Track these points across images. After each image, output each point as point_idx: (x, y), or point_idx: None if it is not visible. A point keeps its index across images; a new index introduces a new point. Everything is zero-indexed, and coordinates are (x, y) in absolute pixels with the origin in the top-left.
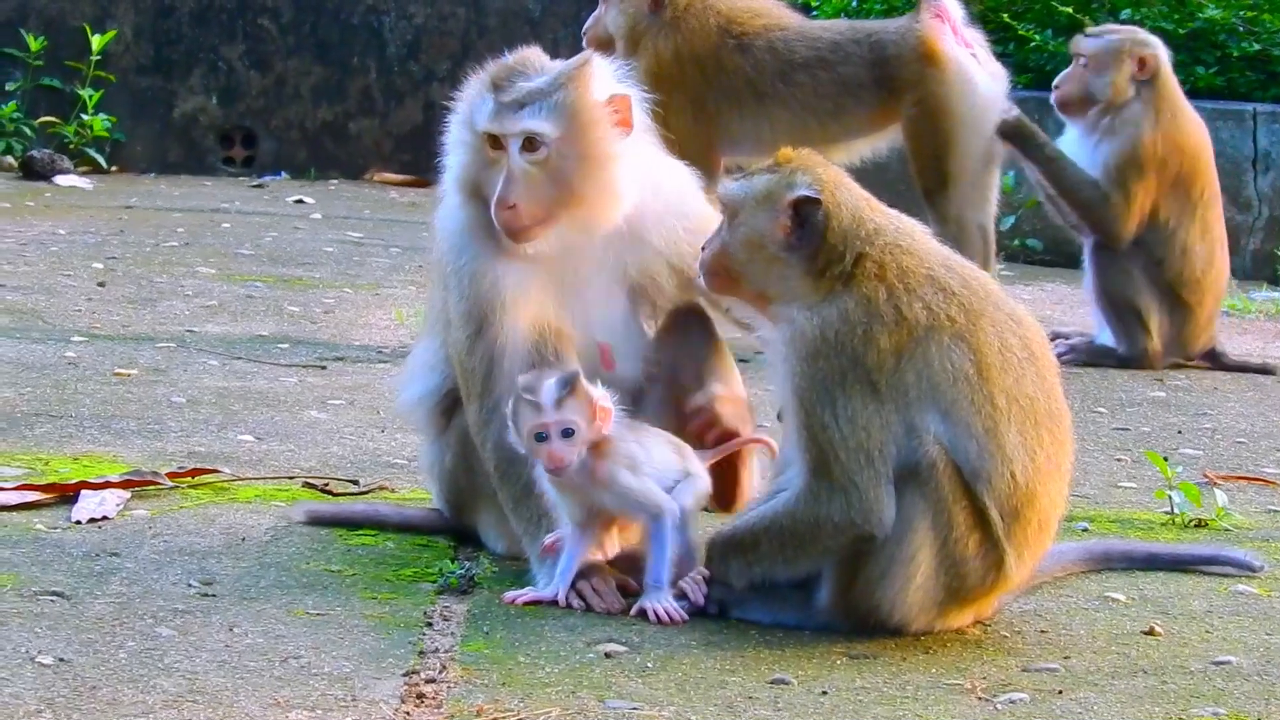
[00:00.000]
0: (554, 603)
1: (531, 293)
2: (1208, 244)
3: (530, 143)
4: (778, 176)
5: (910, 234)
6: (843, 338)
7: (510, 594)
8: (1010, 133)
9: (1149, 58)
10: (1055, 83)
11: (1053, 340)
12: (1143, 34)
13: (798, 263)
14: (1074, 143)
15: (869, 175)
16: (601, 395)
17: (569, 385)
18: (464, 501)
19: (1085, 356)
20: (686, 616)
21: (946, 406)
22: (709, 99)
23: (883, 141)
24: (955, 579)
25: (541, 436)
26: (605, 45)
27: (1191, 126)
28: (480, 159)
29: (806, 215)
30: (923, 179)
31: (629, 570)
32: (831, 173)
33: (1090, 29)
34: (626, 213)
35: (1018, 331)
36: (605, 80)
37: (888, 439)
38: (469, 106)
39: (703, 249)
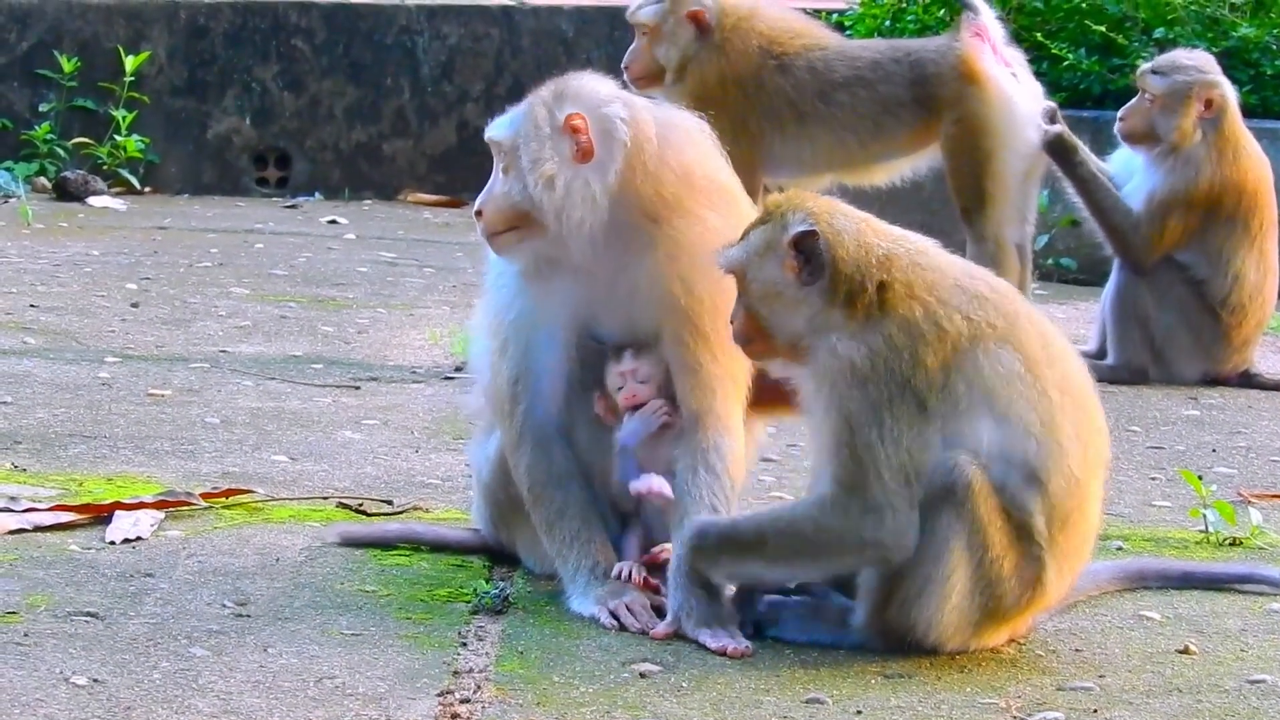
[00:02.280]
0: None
1: (554, 311)
2: (1261, 273)
3: (498, 151)
4: (771, 224)
5: (924, 250)
6: (891, 364)
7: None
8: (1052, 147)
9: (1216, 97)
10: (1121, 114)
11: None
12: (1210, 72)
13: (819, 297)
14: (1132, 163)
15: (905, 195)
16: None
17: (643, 345)
18: (503, 516)
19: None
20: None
21: (1003, 409)
22: (751, 120)
23: (923, 161)
24: (991, 599)
25: (621, 388)
26: (654, 78)
27: (1252, 163)
28: None
29: (809, 249)
30: (961, 198)
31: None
32: (823, 203)
33: (1158, 63)
34: (594, 228)
35: (1049, 329)
36: (574, 100)
37: (926, 460)
38: None
39: (731, 322)
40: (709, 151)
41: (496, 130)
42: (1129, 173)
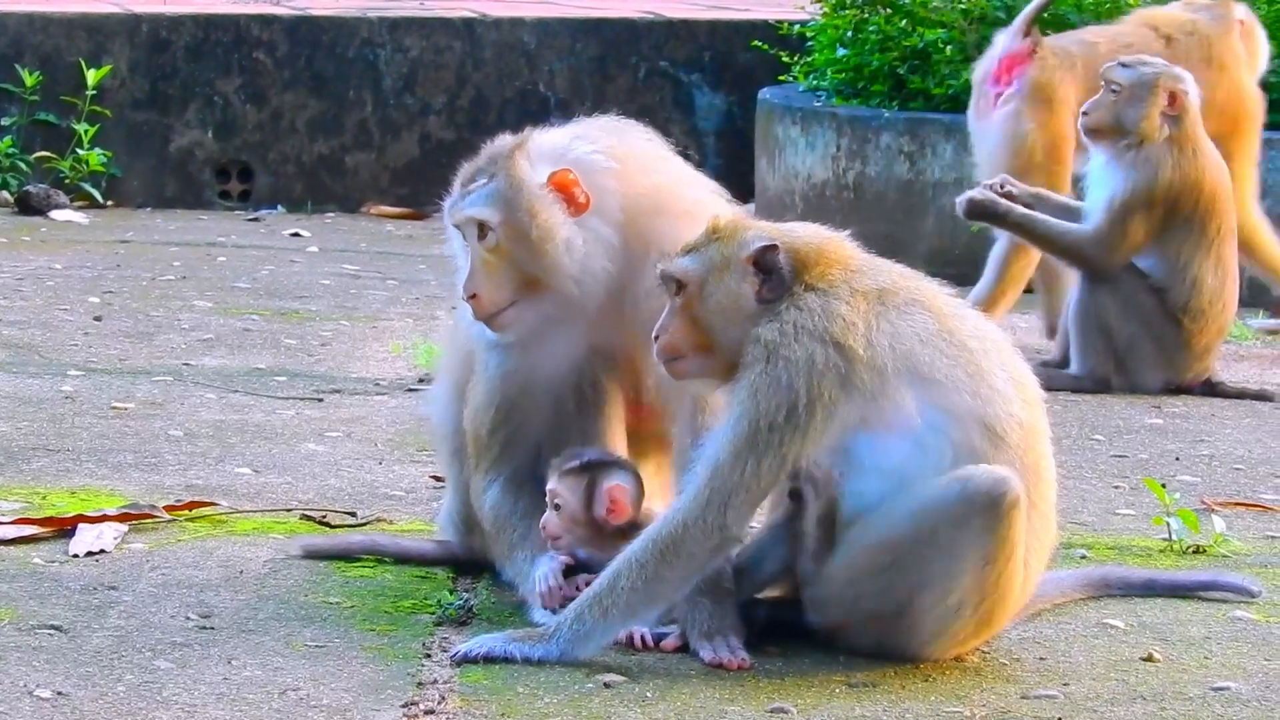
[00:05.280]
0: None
1: (550, 366)
2: (1219, 278)
3: (482, 230)
4: (724, 242)
5: (839, 238)
6: (802, 324)
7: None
8: (976, 212)
9: (1179, 93)
10: (1084, 108)
11: None
12: (1175, 68)
13: (767, 308)
14: (1095, 164)
15: (868, 205)
16: (619, 488)
17: (576, 462)
18: (476, 519)
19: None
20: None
21: (926, 370)
22: None
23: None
24: (993, 609)
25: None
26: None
27: (1209, 164)
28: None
29: (771, 264)
30: None
31: None
32: (766, 224)
33: (1123, 58)
34: (612, 272)
35: (944, 292)
36: (545, 158)
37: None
38: (447, 204)
39: (655, 338)
40: (681, 164)
41: (476, 210)
42: (1095, 177)
